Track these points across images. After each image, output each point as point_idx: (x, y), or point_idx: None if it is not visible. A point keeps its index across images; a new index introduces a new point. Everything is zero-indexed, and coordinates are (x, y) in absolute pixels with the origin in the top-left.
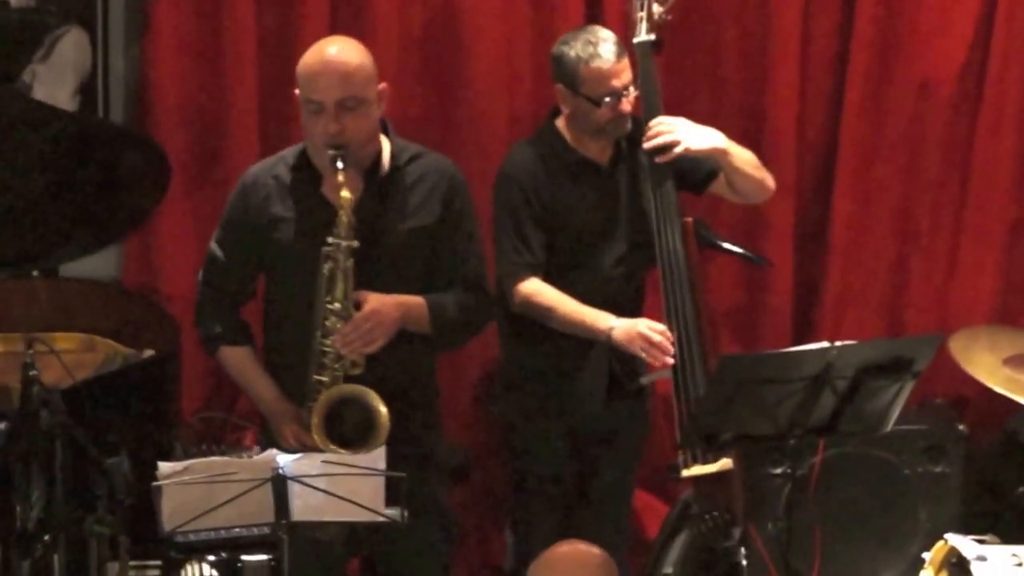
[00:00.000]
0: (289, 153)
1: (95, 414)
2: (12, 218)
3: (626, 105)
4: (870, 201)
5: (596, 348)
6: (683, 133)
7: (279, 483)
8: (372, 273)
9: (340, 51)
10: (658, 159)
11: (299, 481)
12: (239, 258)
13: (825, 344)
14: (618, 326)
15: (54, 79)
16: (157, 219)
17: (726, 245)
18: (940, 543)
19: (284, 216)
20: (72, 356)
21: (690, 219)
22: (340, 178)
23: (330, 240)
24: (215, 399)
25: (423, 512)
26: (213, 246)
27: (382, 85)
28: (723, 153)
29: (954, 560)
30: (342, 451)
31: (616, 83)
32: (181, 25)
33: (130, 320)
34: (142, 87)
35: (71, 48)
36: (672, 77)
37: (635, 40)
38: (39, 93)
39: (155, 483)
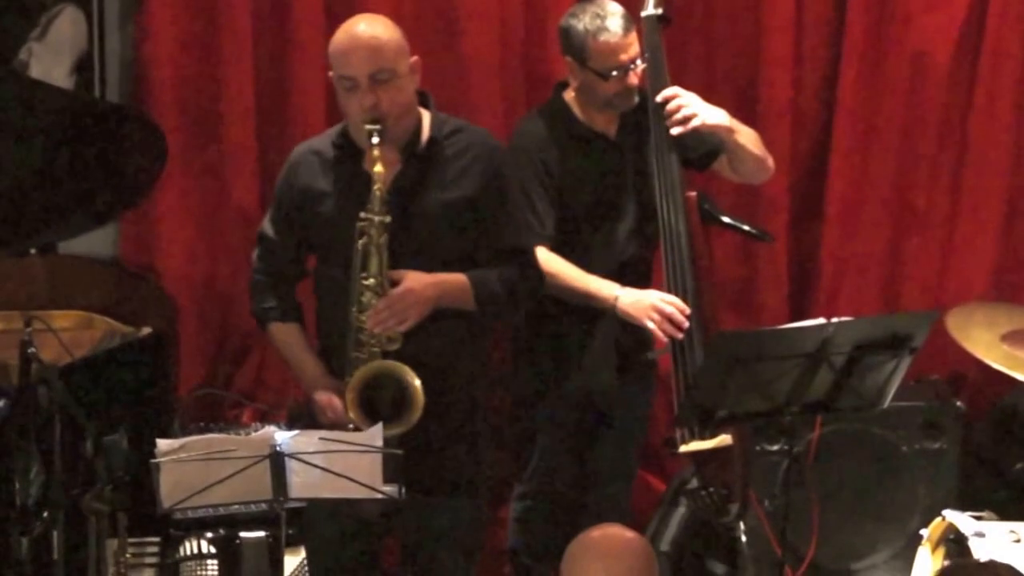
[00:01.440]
0: (334, 131)
1: (93, 392)
2: (9, 196)
3: (633, 78)
4: (866, 176)
5: (604, 320)
6: (699, 107)
7: (277, 460)
8: (411, 246)
9: (368, 26)
10: (674, 131)
11: (297, 458)
12: (288, 235)
13: (822, 320)
14: (623, 295)
15: (50, 57)
16: (153, 197)
17: (729, 220)
18: (938, 520)
19: (326, 191)
20: (70, 334)
21: (693, 193)
22: (375, 153)
23: (363, 215)
24: (213, 377)
25: (455, 491)
26: (265, 224)
27: (414, 58)
28: (729, 131)
29: (952, 536)
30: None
31: (624, 57)
32: (177, 3)
33: (128, 298)
34: (138, 65)
35: (67, 26)
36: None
37: (643, 14)
38: (35, 71)
39: (153, 460)
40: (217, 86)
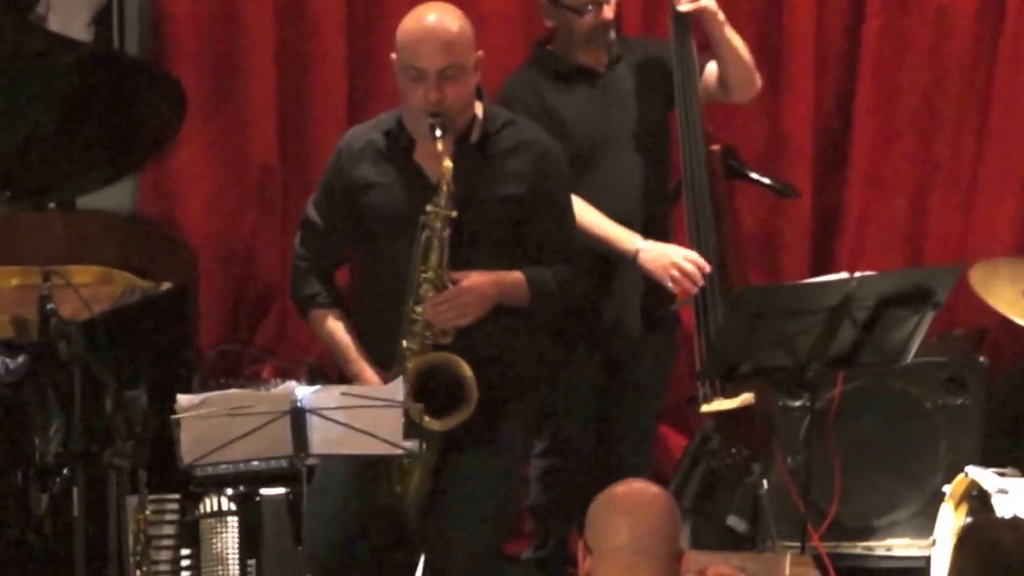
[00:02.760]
0: (386, 118)
1: (113, 347)
2: (28, 151)
3: (608, 12)
4: (890, 132)
5: (625, 268)
6: None
7: (298, 416)
8: (462, 239)
9: (442, 17)
10: (679, 8)
11: (318, 414)
12: (333, 222)
13: (845, 275)
14: (645, 248)
15: (69, 9)
16: (172, 151)
17: (753, 175)
18: (961, 476)
19: (375, 181)
20: (89, 289)
21: (717, 147)
22: (440, 147)
23: (429, 209)
24: (233, 332)
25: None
26: (310, 209)
27: (479, 53)
28: (722, 22)
29: (975, 493)
30: (433, 421)
31: None
32: None
33: (147, 253)
34: (157, 17)
35: None
36: None
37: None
38: (53, 24)
39: (174, 416)
40: (237, 39)
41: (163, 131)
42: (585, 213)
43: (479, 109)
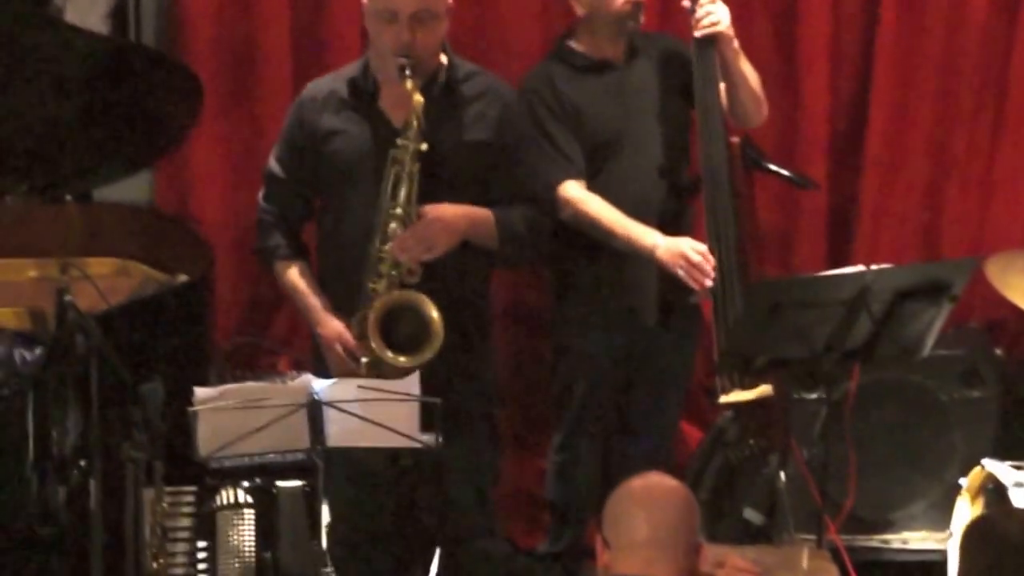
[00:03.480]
0: (348, 68)
1: (130, 339)
2: (45, 143)
3: None
4: (906, 124)
5: (643, 262)
6: (725, 16)
7: (314, 408)
8: (429, 183)
9: None
10: (697, 35)
11: (334, 406)
12: (295, 174)
13: (861, 268)
14: (663, 244)
15: (86, 2)
16: (189, 143)
17: (772, 167)
18: (977, 469)
19: (339, 128)
20: (106, 281)
21: (736, 139)
22: (408, 85)
23: (399, 142)
24: (249, 324)
25: (469, 433)
26: (271, 162)
27: (449, 1)
28: (737, 51)
29: (991, 486)
30: (399, 357)
31: None
32: None
33: (164, 245)
34: (174, 11)
35: None
36: None
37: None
38: (71, 16)
39: (191, 408)
40: (253, 31)
41: (180, 123)
42: (601, 210)
43: (443, 58)
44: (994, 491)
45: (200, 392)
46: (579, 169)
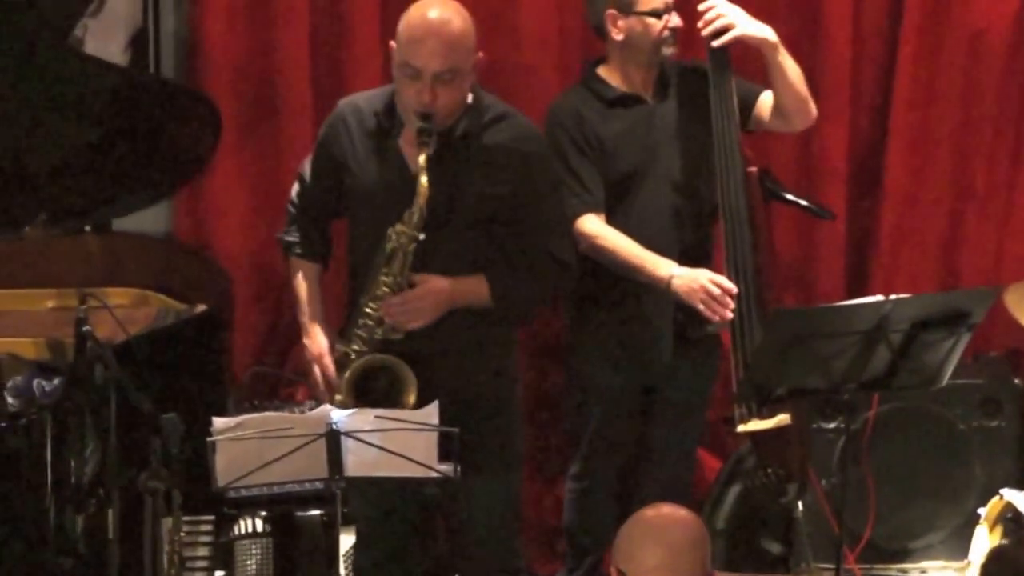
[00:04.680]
0: (378, 95)
1: (148, 369)
2: (64, 173)
3: (677, 18)
4: (924, 154)
5: (660, 295)
6: (736, 18)
7: (333, 438)
8: (437, 234)
9: (447, 17)
10: (714, 44)
11: (353, 436)
12: (320, 182)
13: (880, 297)
14: (679, 275)
15: (105, 33)
16: (207, 174)
17: (791, 197)
18: (996, 498)
19: (358, 160)
20: (125, 311)
21: (755, 168)
22: (422, 160)
23: (398, 227)
24: (267, 354)
25: (494, 465)
26: (305, 163)
27: (479, 55)
28: (774, 47)
29: (1010, 515)
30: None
31: None
32: None
33: (182, 275)
34: (193, 41)
35: (122, 2)
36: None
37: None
38: (90, 47)
39: (209, 438)
40: (272, 61)
41: (199, 153)
42: (618, 241)
43: (470, 98)
44: (1013, 520)
45: (218, 422)
46: (598, 202)
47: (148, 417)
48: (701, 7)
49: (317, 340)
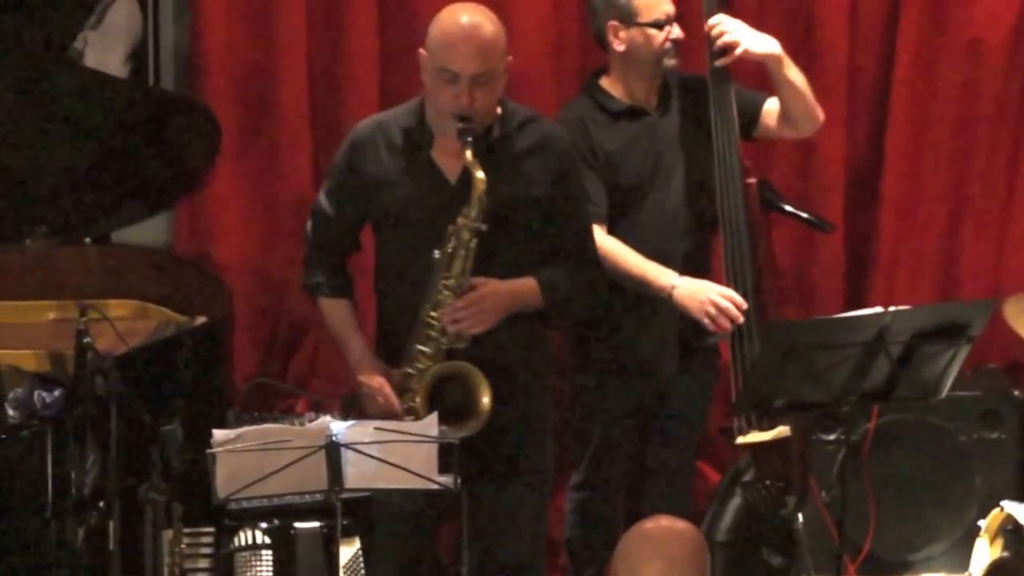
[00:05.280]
0: (403, 112)
1: (148, 381)
2: (64, 185)
3: (679, 30)
4: (922, 165)
5: (663, 307)
6: (742, 34)
7: (333, 450)
8: (481, 238)
9: (477, 20)
10: (718, 62)
11: (353, 448)
12: (344, 212)
13: (879, 309)
14: (681, 285)
15: (105, 46)
16: (207, 185)
17: (790, 208)
18: (996, 510)
19: (391, 178)
20: (125, 323)
21: (754, 180)
22: (469, 156)
23: (459, 221)
24: (267, 366)
25: (519, 479)
26: (320, 197)
27: (509, 57)
28: (779, 60)
29: (1010, 527)
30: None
31: (668, 8)
32: None
33: (182, 287)
34: (192, 54)
35: (122, 15)
36: None
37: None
38: (90, 60)
39: (209, 450)
40: (271, 72)
41: (198, 165)
42: (619, 251)
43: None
44: (1013, 532)
45: (218, 434)
46: (601, 214)
47: (148, 429)
48: (707, 26)
49: (375, 375)
